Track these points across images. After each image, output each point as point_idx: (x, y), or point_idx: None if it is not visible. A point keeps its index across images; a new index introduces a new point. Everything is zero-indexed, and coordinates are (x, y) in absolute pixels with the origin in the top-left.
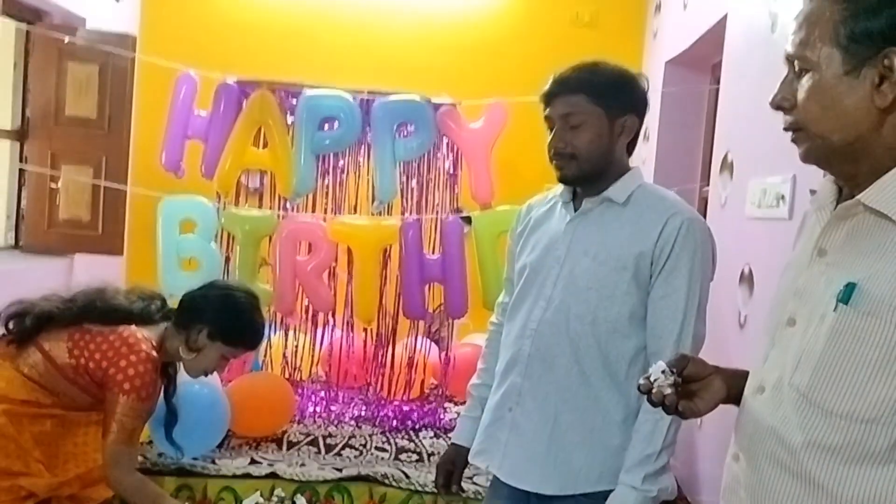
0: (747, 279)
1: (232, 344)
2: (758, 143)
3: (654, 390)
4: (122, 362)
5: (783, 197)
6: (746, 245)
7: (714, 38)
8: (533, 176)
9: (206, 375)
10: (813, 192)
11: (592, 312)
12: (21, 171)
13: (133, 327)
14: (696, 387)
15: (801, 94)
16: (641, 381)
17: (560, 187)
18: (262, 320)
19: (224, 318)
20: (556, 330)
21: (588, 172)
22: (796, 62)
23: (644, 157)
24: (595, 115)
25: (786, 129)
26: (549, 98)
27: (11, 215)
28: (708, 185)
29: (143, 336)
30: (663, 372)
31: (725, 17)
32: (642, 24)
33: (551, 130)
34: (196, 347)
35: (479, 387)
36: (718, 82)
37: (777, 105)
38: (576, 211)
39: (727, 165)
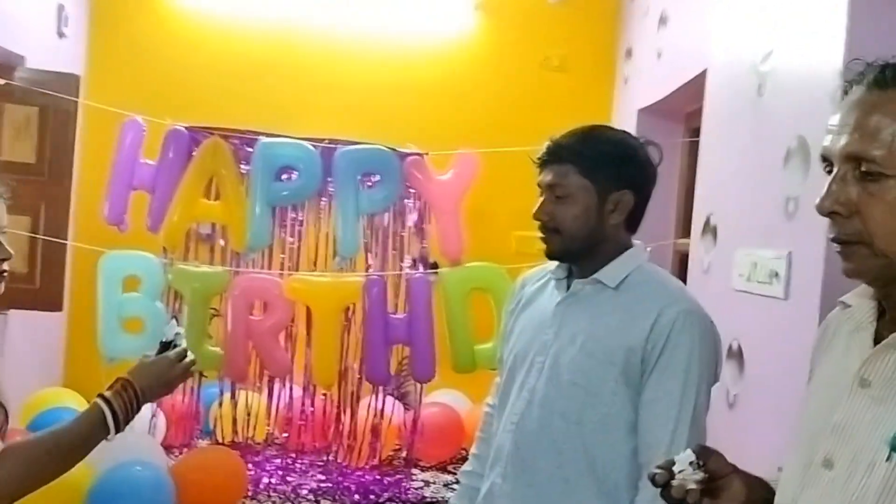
0: (736, 355)
1: None
2: (745, 211)
3: (675, 483)
4: None
5: (777, 274)
6: (734, 319)
7: (691, 91)
8: (504, 230)
9: None
10: (843, 303)
11: (578, 411)
12: None
13: None
14: (716, 485)
15: (873, 204)
16: (658, 471)
17: (555, 262)
18: None
19: None
20: (538, 428)
21: (574, 249)
22: (864, 164)
23: None
24: (584, 189)
25: (837, 241)
26: (539, 164)
27: None
28: (681, 238)
29: None
30: (691, 463)
31: (705, 71)
32: (613, 69)
33: (540, 198)
34: None
35: (470, 475)
36: (693, 132)
37: (829, 212)
38: (568, 290)
39: (709, 229)
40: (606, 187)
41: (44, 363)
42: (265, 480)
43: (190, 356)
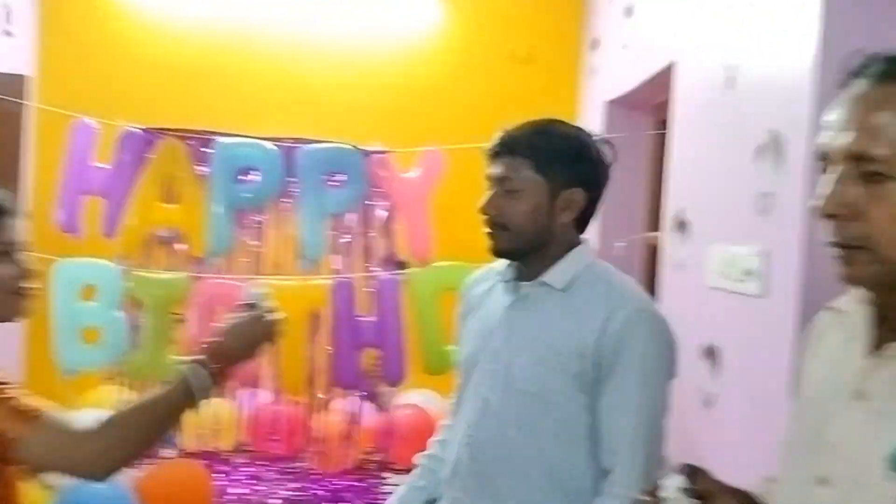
0: (711, 354)
1: None
2: (718, 206)
3: None
4: None
5: (751, 271)
6: (709, 317)
7: (659, 83)
8: (473, 228)
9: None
10: (834, 309)
11: (533, 420)
12: None
13: None
14: None
15: (878, 207)
16: (646, 499)
17: (503, 261)
18: None
19: None
20: (494, 438)
21: (521, 248)
22: (868, 164)
23: None
24: (535, 185)
25: (838, 245)
26: (491, 156)
27: None
28: (651, 232)
29: None
30: (683, 490)
31: (672, 64)
32: (579, 60)
33: (489, 191)
34: None
35: (431, 457)
36: (661, 125)
37: (831, 214)
38: (516, 292)
39: (681, 225)
40: (559, 184)
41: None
42: (232, 491)
43: (274, 315)
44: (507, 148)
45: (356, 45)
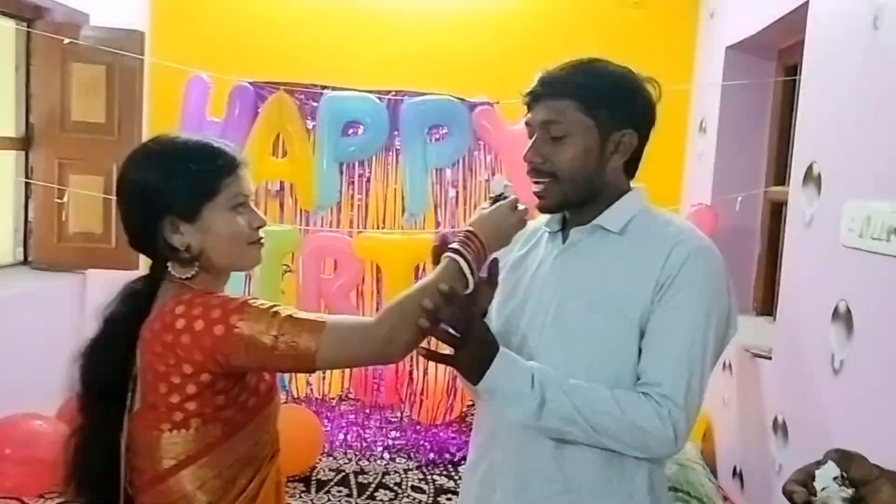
0: (843, 317)
1: (199, 198)
2: (856, 158)
3: (816, 502)
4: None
5: (893, 230)
6: (842, 277)
7: (788, 25)
8: None
9: (250, 243)
10: None
11: (587, 372)
12: (28, 182)
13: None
14: (860, 493)
15: None
16: (795, 489)
17: (543, 217)
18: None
19: (166, 187)
20: None
21: (573, 199)
22: None
23: (701, 150)
24: (584, 128)
25: None
26: (529, 101)
27: (19, 229)
28: (774, 186)
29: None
30: (835, 479)
31: (805, 3)
32: (696, 3)
33: (530, 139)
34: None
35: None
36: (787, 70)
37: None
38: (564, 242)
39: (812, 178)
40: (609, 126)
41: None
42: (340, 437)
43: (525, 208)
44: (551, 90)
45: None
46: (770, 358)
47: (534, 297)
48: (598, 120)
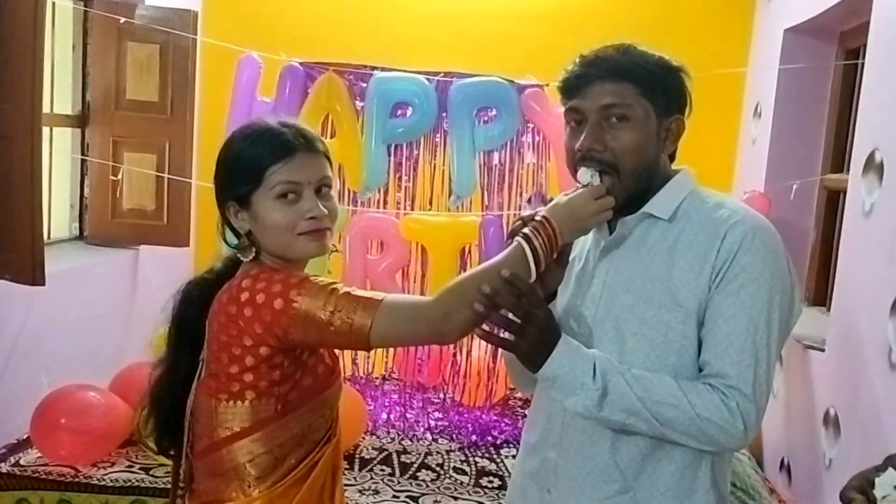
0: None
1: (246, 185)
2: None
3: None
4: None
5: None
6: None
7: (851, 7)
8: None
9: (300, 234)
10: None
11: (643, 365)
12: (84, 159)
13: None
14: None
15: None
16: (854, 496)
17: None
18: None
19: (224, 174)
20: None
21: (633, 195)
22: None
23: (755, 135)
24: (644, 112)
25: None
26: (578, 84)
27: (75, 205)
28: (831, 174)
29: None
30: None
31: None
32: None
33: (577, 126)
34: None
35: None
36: (848, 54)
37: None
38: (611, 233)
39: (874, 166)
40: (663, 112)
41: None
42: (384, 416)
43: (608, 199)
44: (606, 70)
45: None
46: (823, 350)
47: (582, 291)
48: (655, 104)
